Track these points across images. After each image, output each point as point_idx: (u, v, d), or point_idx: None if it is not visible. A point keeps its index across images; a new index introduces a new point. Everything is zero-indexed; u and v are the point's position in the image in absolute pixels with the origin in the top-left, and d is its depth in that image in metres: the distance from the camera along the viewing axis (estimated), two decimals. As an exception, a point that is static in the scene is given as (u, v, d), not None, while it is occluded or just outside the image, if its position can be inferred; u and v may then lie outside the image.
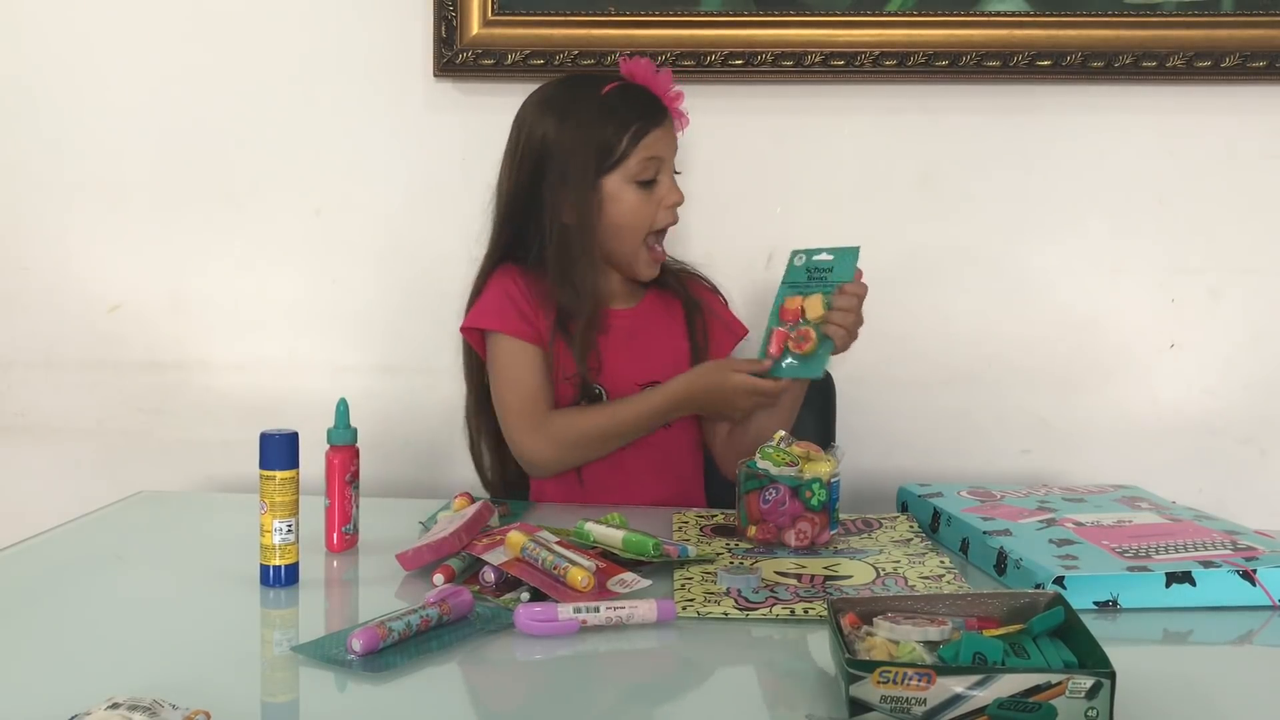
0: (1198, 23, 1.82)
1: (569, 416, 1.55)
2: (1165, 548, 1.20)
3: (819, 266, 1.54)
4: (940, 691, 0.83)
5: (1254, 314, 1.91)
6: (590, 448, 1.56)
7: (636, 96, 1.57)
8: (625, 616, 1.06)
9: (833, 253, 1.54)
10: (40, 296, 2.02)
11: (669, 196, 1.57)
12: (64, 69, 1.99)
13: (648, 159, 1.55)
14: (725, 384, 1.51)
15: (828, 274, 1.52)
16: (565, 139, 1.55)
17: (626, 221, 1.56)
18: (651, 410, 1.54)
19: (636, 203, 1.56)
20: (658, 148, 1.56)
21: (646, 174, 1.55)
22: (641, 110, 1.56)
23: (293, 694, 0.97)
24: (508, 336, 1.57)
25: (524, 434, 1.56)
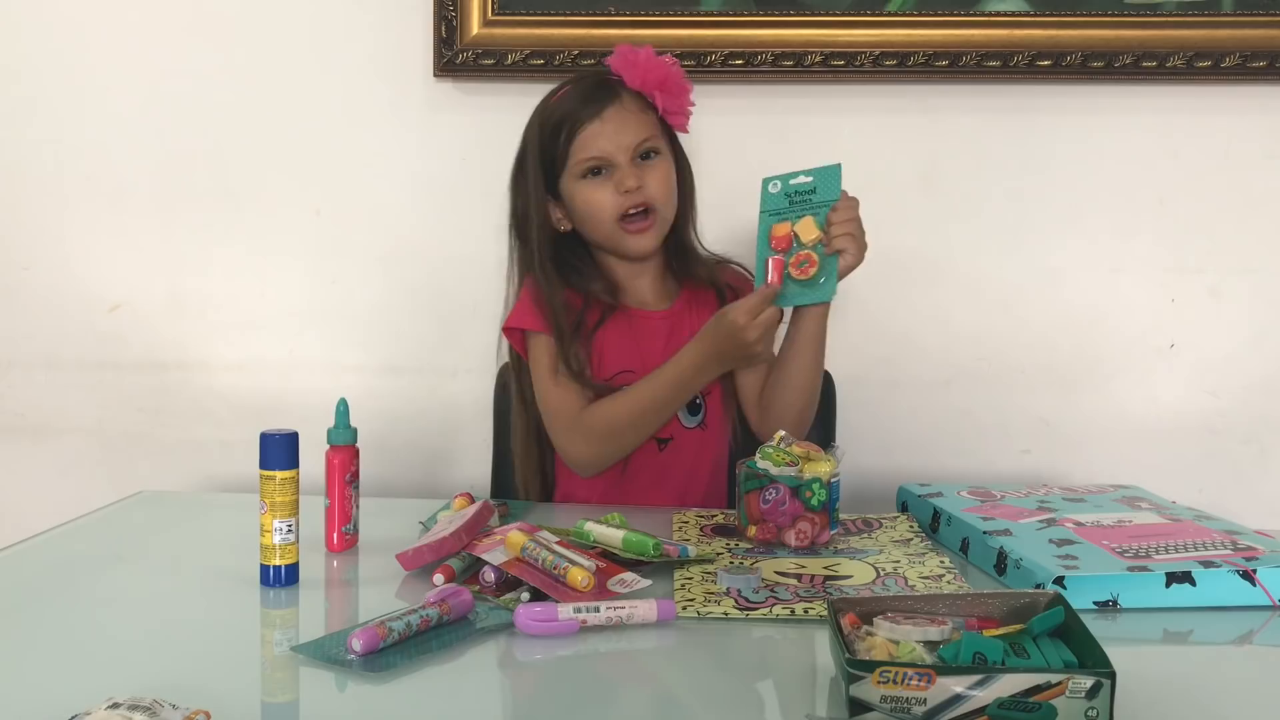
0: (1198, 23, 1.83)
1: (598, 409, 1.54)
2: (1165, 548, 1.20)
3: (799, 190, 1.48)
4: (940, 691, 0.83)
5: (1254, 314, 1.91)
6: (626, 433, 1.53)
7: (573, 95, 1.56)
8: (625, 616, 1.06)
9: (811, 174, 1.48)
10: (40, 296, 2.02)
11: (620, 184, 1.53)
12: (64, 69, 1.99)
13: (584, 158, 1.54)
14: (731, 326, 1.45)
15: (810, 196, 1.47)
16: (525, 164, 1.59)
17: (589, 215, 1.57)
18: (677, 378, 1.50)
19: (590, 195, 1.55)
20: (592, 145, 1.54)
21: (588, 169, 1.55)
22: (572, 109, 1.55)
23: (293, 694, 0.97)
24: (542, 336, 1.57)
25: (562, 435, 1.56)
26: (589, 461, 1.56)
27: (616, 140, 1.54)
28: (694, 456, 1.61)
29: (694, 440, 1.60)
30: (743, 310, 1.44)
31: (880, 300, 1.93)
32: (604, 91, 1.56)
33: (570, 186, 1.57)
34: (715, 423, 1.62)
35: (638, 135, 1.55)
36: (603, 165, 1.55)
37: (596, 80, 1.58)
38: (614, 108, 1.55)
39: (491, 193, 1.66)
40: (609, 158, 1.54)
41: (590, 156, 1.54)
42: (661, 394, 1.51)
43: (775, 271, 1.45)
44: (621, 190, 1.54)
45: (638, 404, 1.52)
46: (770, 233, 1.48)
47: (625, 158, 1.54)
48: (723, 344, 1.47)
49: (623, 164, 1.54)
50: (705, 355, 1.49)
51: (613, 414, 1.52)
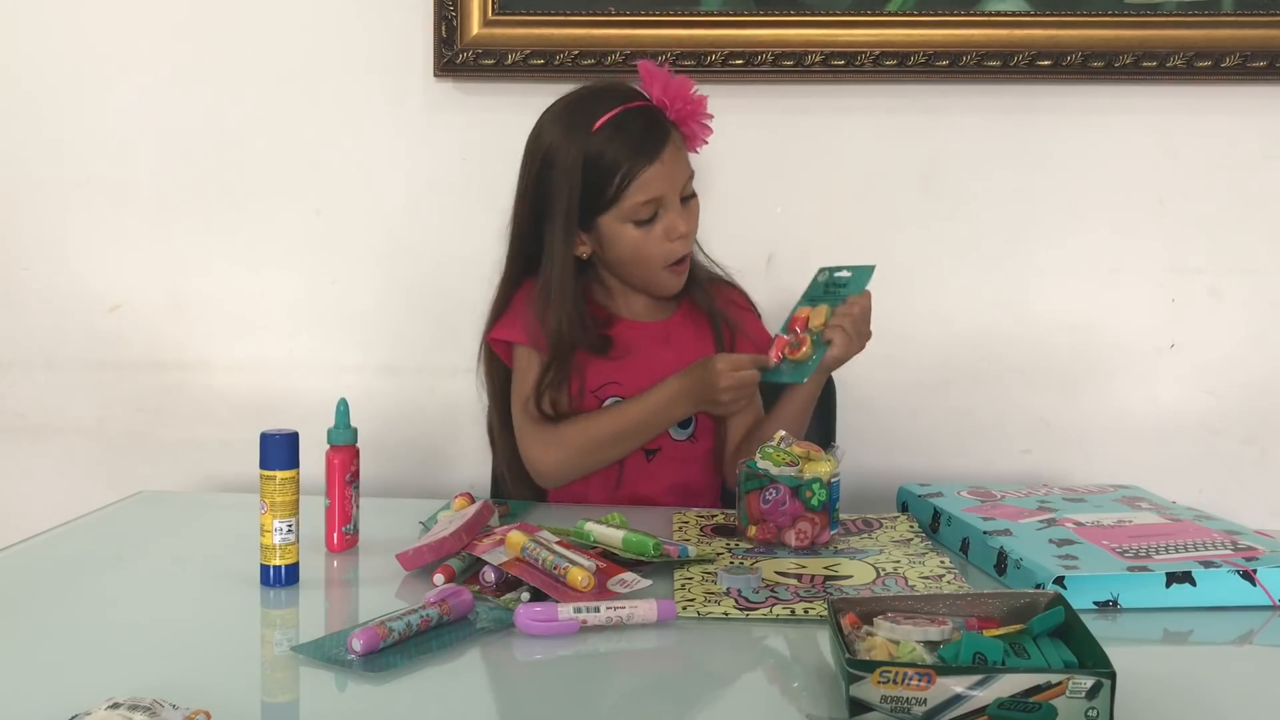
0: (1198, 23, 1.82)
1: (578, 423, 1.54)
2: (1165, 548, 1.20)
3: (836, 282, 1.55)
4: (940, 691, 0.83)
5: (1254, 314, 1.91)
6: (599, 451, 1.54)
7: (631, 130, 1.49)
8: (625, 616, 1.06)
9: (852, 270, 1.54)
10: (40, 296, 2.02)
11: (674, 230, 1.51)
12: (64, 69, 1.99)
13: (642, 202, 1.49)
14: (710, 371, 1.47)
15: (842, 289, 1.53)
16: (558, 176, 1.50)
17: (634, 258, 1.54)
18: (654, 407, 1.52)
19: (638, 240, 1.52)
20: (653, 187, 1.49)
21: (644, 215, 1.51)
22: (633, 149, 1.48)
23: (293, 694, 0.97)
24: (529, 349, 1.56)
25: (533, 442, 1.55)
26: (555, 471, 1.55)
27: (671, 182, 1.51)
28: (682, 467, 1.60)
29: (683, 452, 1.60)
30: (727, 361, 1.48)
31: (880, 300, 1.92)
32: (659, 131, 1.51)
33: (614, 228, 1.52)
34: (705, 435, 1.61)
35: (685, 175, 1.54)
36: (655, 210, 1.51)
37: (648, 120, 1.51)
38: (669, 148, 1.51)
39: (491, 193, 1.65)
40: (664, 200, 1.51)
41: (649, 200, 1.50)
42: (637, 419, 1.53)
43: (775, 350, 1.51)
44: (674, 237, 1.52)
45: (616, 424, 1.53)
46: (794, 314, 1.54)
47: (676, 199, 1.52)
48: (697, 384, 1.50)
49: (674, 206, 1.52)
50: (680, 390, 1.51)
51: (592, 430, 1.53)
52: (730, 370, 1.47)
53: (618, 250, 1.54)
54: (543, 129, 1.56)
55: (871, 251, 1.57)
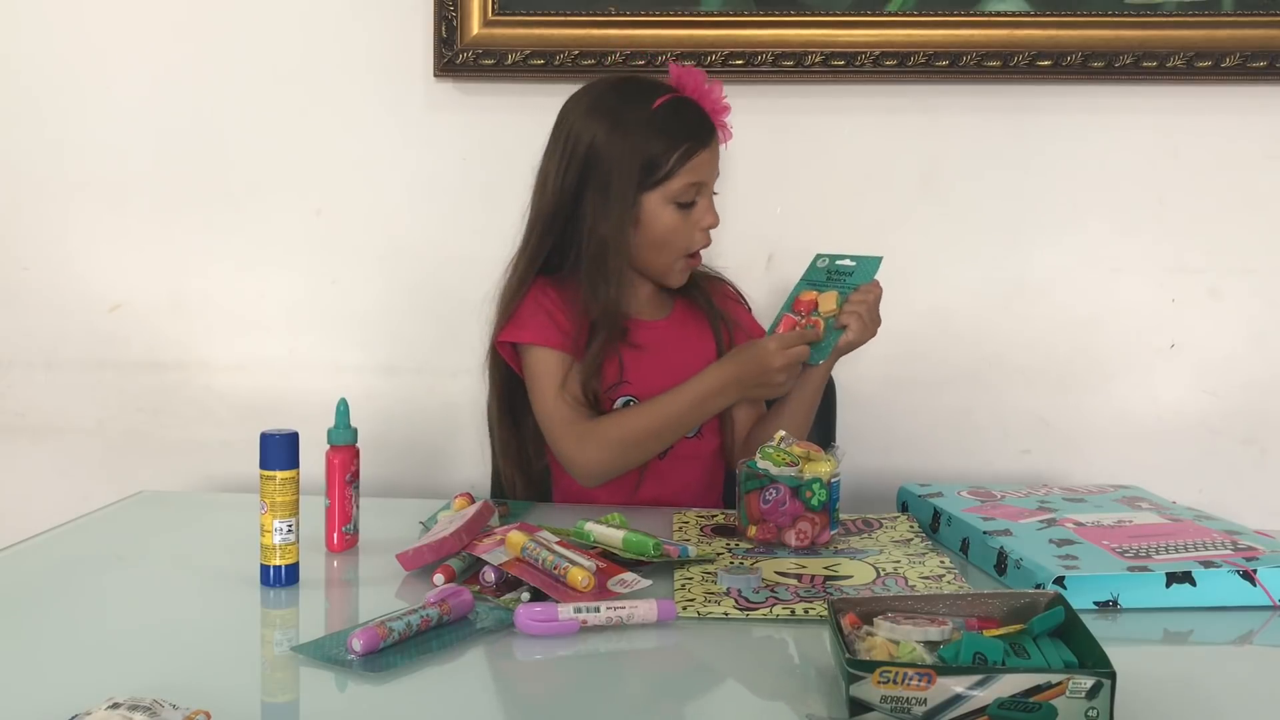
0: (1198, 23, 1.82)
1: (616, 419, 1.53)
2: (1165, 548, 1.20)
3: (839, 270, 1.55)
4: (940, 691, 0.83)
5: (1254, 314, 1.91)
6: (641, 446, 1.52)
7: (688, 113, 1.54)
8: (625, 616, 1.06)
9: (856, 259, 1.55)
10: (40, 296, 2.02)
11: (704, 219, 1.55)
12: (64, 70, 1.99)
13: (691, 183, 1.53)
14: (761, 352, 1.48)
15: (847, 278, 1.54)
16: (613, 148, 1.51)
17: (663, 240, 1.55)
18: (698, 397, 1.51)
19: (674, 223, 1.54)
20: (702, 171, 1.53)
21: (687, 196, 1.53)
22: (692, 130, 1.53)
23: (293, 694, 0.97)
24: (548, 349, 1.55)
25: (570, 444, 1.53)
26: (599, 471, 1.53)
27: (714, 171, 1.56)
28: (691, 465, 1.60)
29: (691, 449, 1.60)
30: (778, 340, 1.49)
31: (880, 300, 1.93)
32: (710, 121, 1.56)
33: (656, 206, 1.53)
34: (711, 433, 1.62)
35: (718, 172, 1.58)
36: (698, 195, 1.54)
37: (700, 109, 1.55)
38: (716, 140, 1.56)
39: (491, 193, 1.66)
40: (705, 187, 1.55)
41: (696, 182, 1.53)
42: (680, 410, 1.51)
43: (784, 327, 1.52)
44: (704, 226, 1.55)
45: (657, 418, 1.52)
46: (798, 296, 1.55)
47: (711, 190, 1.57)
48: (748, 369, 1.49)
49: (709, 197, 1.56)
50: (728, 378, 1.50)
51: (633, 425, 1.52)
52: (781, 349, 1.48)
53: (652, 231, 1.54)
54: (588, 109, 1.54)
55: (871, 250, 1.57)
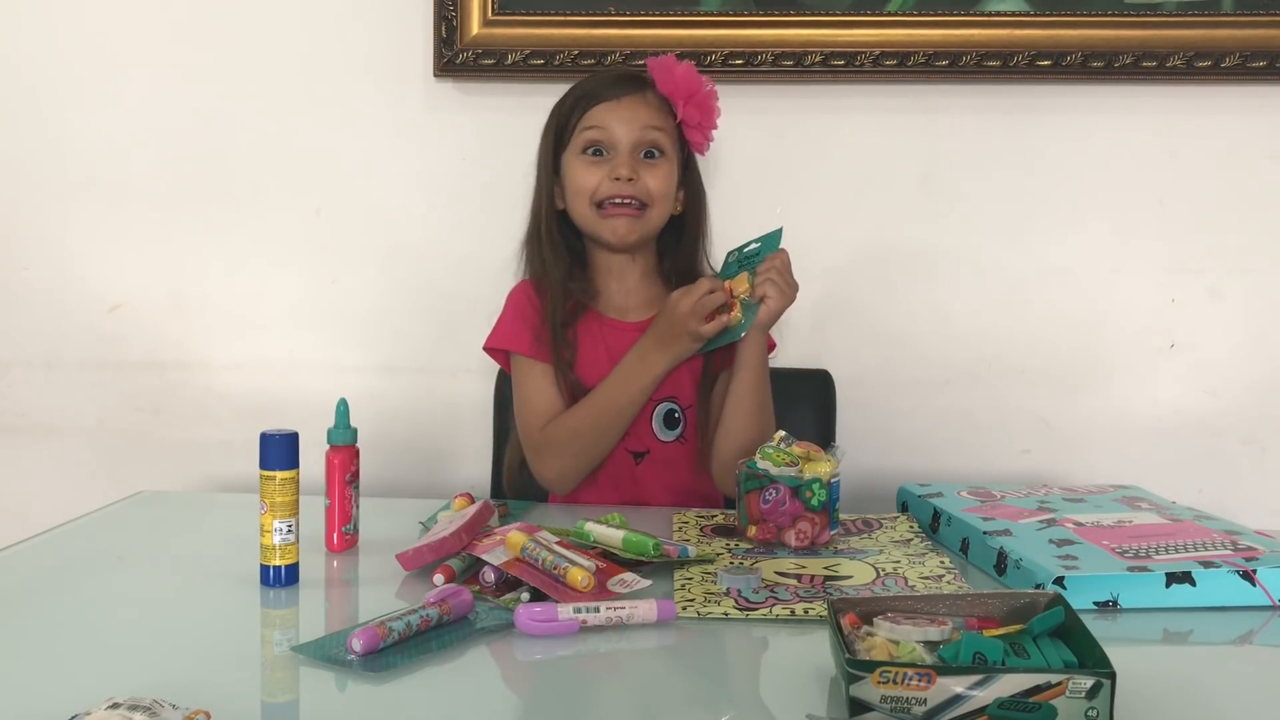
0: (1198, 23, 1.83)
1: (559, 420, 1.53)
2: (1165, 548, 1.20)
3: (747, 255, 1.55)
4: (940, 691, 0.83)
5: (1254, 314, 1.91)
6: (589, 441, 1.52)
7: (604, 75, 1.62)
8: (625, 616, 1.06)
9: (759, 240, 1.55)
10: (40, 296, 2.02)
11: (614, 170, 1.54)
12: (65, 69, 1.99)
13: (589, 128, 1.55)
14: (668, 308, 1.49)
15: (755, 258, 1.53)
16: (544, 131, 1.61)
17: (575, 191, 1.57)
18: (625, 371, 1.51)
19: (583, 173, 1.56)
20: (603, 119, 1.55)
21: (590, 146, 1.56)
22: (596, 85, 1.58)
23: (293, 694, 0.97)
24: (521, 356, 1.57)
25: (532, 456, 1.56)
26: (558, 475, 1.55)
27: (625, 126, 1.55)
28: (672, 469, 1.59)
29: (671, 454, 1.59)
30: (680, 291, 1.49)
31: (880, 300, 1.93)
32: (630, 81, 1.59)
33: (568, 160, 1.58)
34: (694, 436, 1.60)
35: (647, 127, 1.56)
36: (603, 146, 1.55)
37: (628, 71, 1.62)
38: (633, 97, 1.57)
39: (491, 193, 1.66)
40: (611, 141, 1.55)
41: (592, 127, 1.55)
42: (613, 390, 1.51)
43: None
44: (613, 176, 1.54)
45: (595, 405, 1.52)
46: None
47: (627, 147, 1.55)
48: (659, 326, 1.50)
49: (623, 152, 1.55)
50: (645, 343, 1.51)
51: (575, 420, 1.52)
52: (684, 295, 1.48)
53: (570, 186, 1.57)
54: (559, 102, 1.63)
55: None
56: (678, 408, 1.59)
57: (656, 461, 1.58)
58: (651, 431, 1.58)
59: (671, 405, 1.58)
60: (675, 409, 1.59)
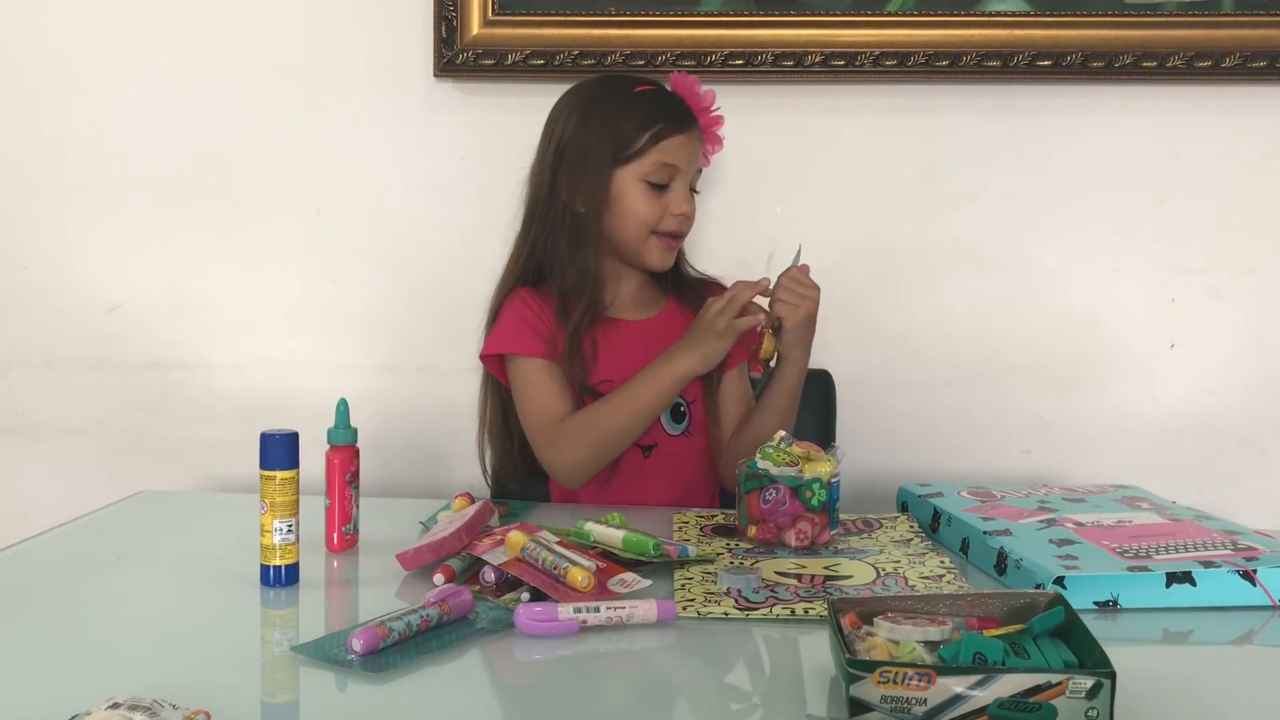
0: (1198, 23, 1.82)
1: (582, 413, 1.53)
2: (1165, 548, 1.20)
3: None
4: (940, 691, 0.83)
5: (1254, 314, 1.91)
6: (609, 435, 1.51)
7: (667, 101, 1.59)
8: (625, 616, 1.06)
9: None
10: (40, 296, 2.02)
11: (678, 205, 1.56)
12: (65, 69, 1.99)
13: (663, 163, 1.55)
14: (702, 312, 1.51)
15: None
16: (588, 129, 1.56)
17: (632, 216, 1.56)
18: (653, 372, 1.51)
19: (644, 201, 1.56)
20: (676, 154, 1.55)
21: (659, 176, 1.55)
22: (667, 113, 1.57)
23: (293, 694, 0.97)
24: (527, 358, 1.56)
25: (546, 449, 1.55)
26: (575, 468, 1.54)
27: (690, 161, 1.58)
28: (679, 463, 1.60)
29: (679, 447, 1.60)
30: (711, 299, 1.51)
31: (880, 300, 1.93)
32: (689, 113, 1.59)
33: (628, 183, 1.56)
34: (700, 430, 1.61)
35: (699, 164, 1.61)
36: (670, 178, 1.56)
37: (683, 102, 1.60)
38: (695, 131, 1.59)
39: (491, 193, 1.66)
40: (679, 173, 1.56)
41: (669, 163, 1.55)
42: (640, 390, 1.51)
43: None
44: (676, 211, 1.56)
45: (621, 403, 1.51)
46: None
47: (686, 180, 1.58)
48: (694, 331, 1.51)
49: (682, 185, 1.57)
50: (680, 347, 1.51)
51: (596, 417, 1.52)
52: (716, 299, 1.50)
53: (622, 206, 1.56)
54: (570, 102, 1.61)
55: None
56: (683, 402, 1.60)
57: (664, 455, 1.59)
58: (660, 425, 1.58)
59: (678, 399, 1.59)
60: (681, 403, 1.60)
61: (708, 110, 1.62)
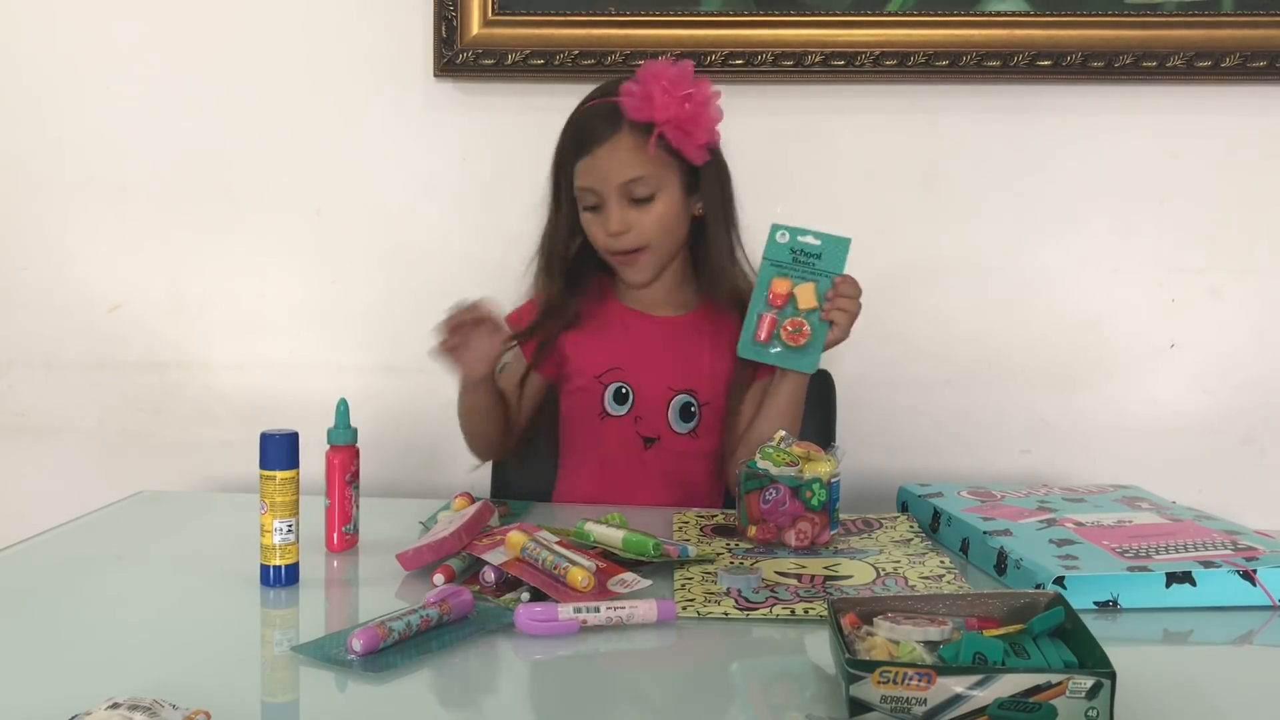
0: (1198, 23, 1.83)
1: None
2: (1165, 548, 1.20)
3: (805, 250, 1.51)
4: (940, 691, 0.83)
5: (1254, 314, 1.91)
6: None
7: (582, 121, 1.54)
8: (625, 616, 1.06)
9: (820, 238, 1.51)
10: (40, 296, 2.02)
11: (606, 224, 1.53)
12: (65, 69, 1.99)
13: (582, 188, 1.54)
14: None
15: (815, 260, 1.50)
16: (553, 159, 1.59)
17: (589, 239, 1.58)
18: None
19: (588, 224, 1.57)
20: (586, 177, 1.53)
21: (585, 201, 1.55)
22: (572, 140, 1.55)
23: (293, 694, 0.97)
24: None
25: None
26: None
27: (601, 178, 1.52)
28: (680, 462, 1.60)
29: (683, 445, 1.60)
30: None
31: (880, 300, 1.92)
32: (602, 126, 1.52)
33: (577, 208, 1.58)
34: (708, 433, 1.60)
35: (624, 175, 1.51)
36: (596, 201, 1.54)
37: (601, 111, 1.53)
38: (606, 146, 1.51)
39: (491, 193, 1.66)
40: (601, 193, 1.53)
41: (583, 187, 1.54)
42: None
43: (766, 329, 1.50)
44: (607, 233, 1.54)
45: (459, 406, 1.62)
46: (770, 285, 1.51)
47: (614, 197, 1.52)
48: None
49: (610, 204, 1.53)
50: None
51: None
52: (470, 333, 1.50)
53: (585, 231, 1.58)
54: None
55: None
56: (695, 401, 1.59)
57: (665, 450, 1.59)
58: (666, 420, 1.59)
59: (689, 398, 1.59)
60: (692, 402, 1.59)
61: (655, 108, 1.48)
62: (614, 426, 1.60)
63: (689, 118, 1.50)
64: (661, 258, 1.58)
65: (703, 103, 1.51)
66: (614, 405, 1.60)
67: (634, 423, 1.59)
